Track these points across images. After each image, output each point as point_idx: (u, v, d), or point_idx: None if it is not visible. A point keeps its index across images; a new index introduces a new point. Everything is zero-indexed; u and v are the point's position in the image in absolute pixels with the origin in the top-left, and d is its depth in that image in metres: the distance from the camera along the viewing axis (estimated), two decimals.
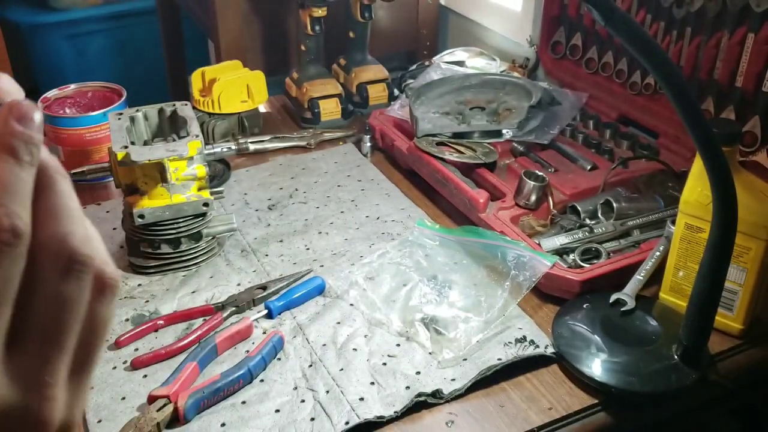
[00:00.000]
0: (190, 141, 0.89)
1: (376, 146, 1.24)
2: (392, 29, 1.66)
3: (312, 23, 1.28)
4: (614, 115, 1.22)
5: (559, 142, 1.14)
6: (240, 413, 0.71)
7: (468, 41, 1.66)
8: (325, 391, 0.73)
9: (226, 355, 0.79)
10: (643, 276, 0.85)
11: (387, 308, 0.84)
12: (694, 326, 0.73)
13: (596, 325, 0.80)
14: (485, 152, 1.07)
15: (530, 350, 0.78)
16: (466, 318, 0.81)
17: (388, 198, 1.09)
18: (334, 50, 1.43)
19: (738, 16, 1.01)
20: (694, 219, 0.78)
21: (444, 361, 0.77)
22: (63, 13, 2.17)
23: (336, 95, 1.32)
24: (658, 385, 0.73)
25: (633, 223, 0.94)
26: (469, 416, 0.72)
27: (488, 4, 1.58)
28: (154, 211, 0.89)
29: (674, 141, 1.11)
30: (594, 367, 0.75)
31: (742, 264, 0.77)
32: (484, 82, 1.23)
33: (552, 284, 0.86)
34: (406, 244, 0.95)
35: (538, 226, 0.95)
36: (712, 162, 0.63)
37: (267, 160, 1.21)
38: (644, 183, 1.03)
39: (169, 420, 0.70)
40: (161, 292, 0.89)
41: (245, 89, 1.24)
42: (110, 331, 0.81)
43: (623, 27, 0.59)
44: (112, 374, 0.77)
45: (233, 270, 0.93)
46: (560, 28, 1.35)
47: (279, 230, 1.01)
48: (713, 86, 1.07)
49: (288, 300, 0.86)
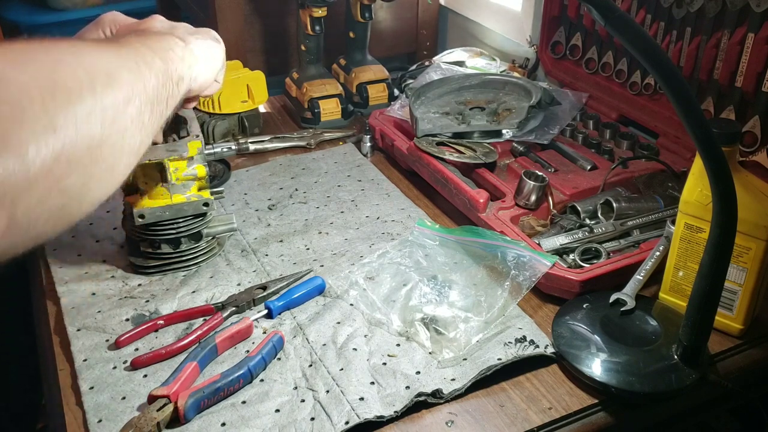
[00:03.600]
0: (191, 141, 0.89)
1: (376, 146, 1.24)
2: (392, 29, 1.66)
3: (312, 23, 1.28)
4: (614, 115, 1.22)
5: (559, 142, 1.14)
6: (240, 413, 0.72)
7: (468, 41, 1.66)
8: (325, 391, 0.73)
9: (226, 355, 0.79)
10: (643, 276, 0.85)
11: (387, 308, 0.84)
12: (694, 326, 0.73)
13: (596, 325, 0.80)
14: (485, 152, 1.07)
15: (530, 350, 0.78)
16: (466, 318, 0.81)
17: (388, 198, 1.09)
18: (334, 50, 1.43)
19: (738, 16, 1.01)
20: (693, 219, 0.78)
21: (444, 360, 0.77)
22: (63, 14, 2.17)
23: (336, 95, 1.33)
24: (658, 385, 0.73)
25: (633, 223, 0.94)
26: (469, 416, 0.72)
27: (488, 4, 1.58)
28: (154, 211, 0.89)
29: (674, 141, 1.11)
30: (594, 367, 0.75)
31: (742, 264, 0.77)
32: (484, 82, 1.23)
33: (552, 284, 0.86)
34: (406, 244, 0.95)
35: (538, 226, 0.95)
36: (712, 162, 0.63)
37: (267, 160, 1.21)
38: (644, 183, 1.03)
39: (169, 420, 0.70)
40: (161, 292, 0.89)
41: (245, 89, 1.24)
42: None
43: (623, 27, 0.59)
44: (112, 374, 0.77)
45: (233, 270, 0.93)
46: (560, 28, 1.35)
47: (279, 230, 1.01)
48: (713, 86, 1.07)
49: (288, 300, 0.86)
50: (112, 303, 0.87)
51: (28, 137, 0.43)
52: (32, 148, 0.44)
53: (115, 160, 0.54)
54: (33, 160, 0.44)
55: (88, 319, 0.84)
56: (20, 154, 0.43)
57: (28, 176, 0.43)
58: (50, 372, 0.81)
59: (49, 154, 0.45)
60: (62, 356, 0.81)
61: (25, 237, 0.46)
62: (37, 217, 0.46)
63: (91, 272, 0.93)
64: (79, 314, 0.85)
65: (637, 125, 1.19)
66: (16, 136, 0.43)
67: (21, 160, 0.43)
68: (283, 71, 1.50)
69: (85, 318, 0.85)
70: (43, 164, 0.44)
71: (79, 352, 0.80)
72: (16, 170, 0.43)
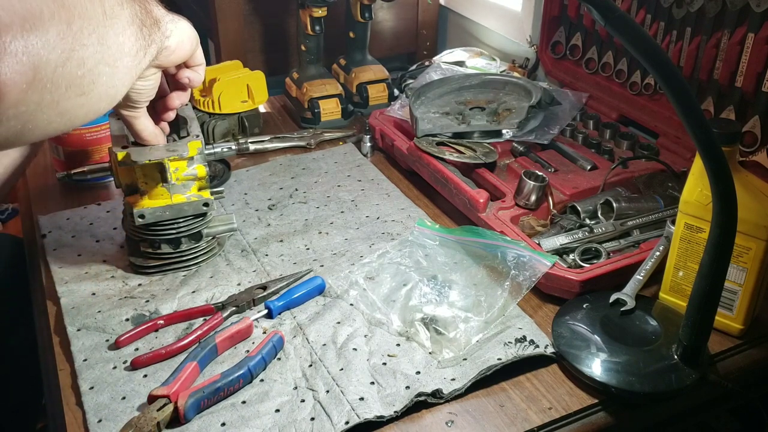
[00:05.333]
0: (191, 141, 0.89)
1: (376, 146, 1.24)
2: (392, 29, 1.66)
3: (312, 23, 1.28)
4: (614, 115, 1.22)
5: (559, 142, 1.14)
6: (240, 413, 0.72)
7: (468, 41, 1.67)
8: (325, 391, 0.73)
9: (226, 355, 0.79)
10: (642, 276, 0.85)
11: (387, 308, 0.84)
12: (694, 326, 0.73)
13: (596, 325, 0.80)
14: (485, 152, 1.07)
15: (530, 350, 0.78)
16: (466, 318, 0.81)
17: (388, 198, 1.09)
18: (334, 50, 1.43)
19: (738, 16, 1.01)
20: (694, 219, 0.78)
21: (444, 360, 0.77)
22: None
23: (336, 95, 1.33)
24: (658, 385, 0.73)
25: (633, 223, 0.94)
26: (469, 416, 0.72)
27: (488, 4, 1.58)
28: (154, 211, 0.89)
29: (674, 141, 1.11)
30: (594, 366, 0.75)
31: (742, 264, 0.77)
32: (484, 82, 1.23)
33: (552, 284, 0.86)
34: (406, 244, 0.95)
35: (538, 226, 0.95)
36: (712, 162, 0.63)
37: (267, 160, 1.21)
38: (644, 183, 1.03)
39: (169, 420, 0.70)
40: (161, 292, 0.89)
41: (245, 89, 1.24)
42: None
43: (623, 27, 0.59)
44: (112, 374, 0.77)
45: (233, 270, 0.93)
46: (560, 28, 1.35)
47: (279, 230, 1.02)
48: (713, 86, 1.07)
49: (288, 300, 0.86)
50: (112, 303, 0.87)
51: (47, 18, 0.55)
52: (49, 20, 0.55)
53: (119, 49, 0.64)
54: (49, 29, 0.54)
55: (88, 319, 0.84)
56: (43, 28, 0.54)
57: (48, 38, 0.54)
58: (50, 372, 0.81)
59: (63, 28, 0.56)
60: (62, 356, 0.81)
61: (49, 99, 0.56)
62: (59, 79, 0.56)
63: (91, 272, 0.93)
64: (79, 314, 0.85)
65: (637, 125, 1.19)
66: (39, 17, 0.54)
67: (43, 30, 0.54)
68: (283, 71, 1.51)
69: (85, 318, 0.85)
70: (58, 32, 0.55)
71: (79, 352, 0.80)
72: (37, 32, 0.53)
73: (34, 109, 0.55)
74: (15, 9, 0.52)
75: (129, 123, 0.83)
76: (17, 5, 0.52)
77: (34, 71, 0.53)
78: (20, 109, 0.54)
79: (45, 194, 1.13)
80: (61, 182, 1.14)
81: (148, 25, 0.70)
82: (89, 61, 0.59)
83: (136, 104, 0.81)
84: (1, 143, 0.57)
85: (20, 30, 0.52)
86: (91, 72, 0.60)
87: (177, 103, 0.87)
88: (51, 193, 1.14)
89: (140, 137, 0.85)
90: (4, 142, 0.57)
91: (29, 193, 1.14)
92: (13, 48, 0.51)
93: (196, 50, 0.83)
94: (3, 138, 0.56)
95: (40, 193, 1.14)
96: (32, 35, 0.53)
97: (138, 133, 0.85)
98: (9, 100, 0.52)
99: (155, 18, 0.72)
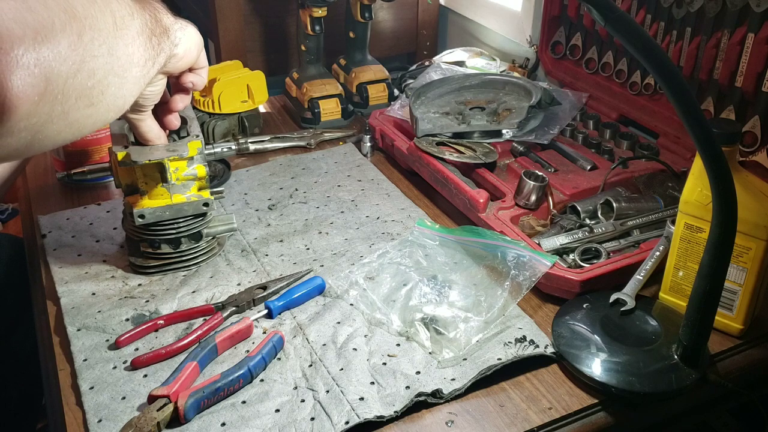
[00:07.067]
0: (191, 141, 0.89)
1: (376, 146, 1.24)
2: (392, 29, 1.66)
3: (312, 23, 1.28)
4: (614, 115, 1.22)
5: (559, 142, 1.14)
6: (240, 413, 0.72)
7: (468, 41, 1.67)
8: (325, 391, 0.73)
9: (226, 355, 0.79)
10: (642, 276, 0.85)
11: (387, 308, 0.84)
12: (694, 326, 0.73)
13: (596, 325, 0.80)
14: (485, 152, 1.07)
15: (530, 350, 0.78)
16: (466, 318, 0.81)
17: (388, 198, 1.09)
18: (334, 50, 1.43)
19: (738, 16, 1.01)
20: (693, 219, 0.78)
21: (444, 360, 0.77)
22: None
23: (336, 95, 1.33)
24: (658, 385, 0.73)
25: (633, 223, 0.94)
26: (469, 416, 0.72)
27: (488, 4, 1.58)
28: (154, 211, 0.89)
29: (674, 141, 1.11)
30: (594, 366, 0.75)
31: (742, 264, 0.77)
32: (484, 82, 1.23)
33: (552, 284, 0.86)
34: (406, 244, 0.95)
35: (538, 226, 0.95)
36: (712, 162, 0.63)
37: (267, 160, 1.21)
38: (644, 183, 1.03)
39: (169, 420, 0.70)
40: (161, 292, 0.89)
41: (245, 89, 1.24)
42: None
43: (623, 27, 0.59)
44: (112, 374, 0.77)
45: (233, 270, 0.93)
46: (560, 28, 1.35)
47: (279, 230, 1.02)
48: (713, 86, 1.07)
49: (288, 300, 0.86)
50: (112, 303, 0.87)
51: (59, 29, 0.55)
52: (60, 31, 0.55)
53: (128, 60, 0.65)
54: (61, 40, 0.54)
55: (88, 319, 0.84)
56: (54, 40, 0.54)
57: (59, 50, 0.54)
58: (50, 372, 0.81)
59: (75, 38, 0.56)
60: (62, 356, 0.81)
61: (59, 110, 0.56)
62: (69, 90, 0.56)
63: (91, 272, 0.93)
64: (79, 314, 0.85)
65: (637, 125, 1.19)
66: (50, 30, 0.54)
67: (55, 41, 0.54)
68: (283, 71, 1.51)
69: (85, 318, 0.85)
70: (70, 44, 0.55)
71: (79, 352, 0.80)
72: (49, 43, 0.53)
73: (45, 120, 0.55)
74: (27, 21, 0.51)
75: (135, 125, 0.84)
76: (29, 17, 0.51)
77: (46, 83, 0.53)
78: (31, 120, 0.53)
79: (45, 194, 1.13)
80: (61, 182, 1.14)
81: (157, 35, 0.70)
82: (99, 72, 0.59)
83: (143, 108, 0.81)
84: (11, 154, 0.57)
85: (32, 42, 0.51)
86: (100, 83, 0.60)
87: (180, 106, 0.87)
88: (51, 193, 1.14)
89: (145, 138, 0.86)
90: (14, 153, 0.56)
91: (29, 193, 1.14)
92: (25, 61, 0.51)
93: (200, 54, 0.83)
94: (13, 149, 0.55)
95: (40, 193, 1.14)
96: (44, 47, 0.52)
97: (143, 135, 0.85)
98: (21, 112, 0.52)
99: (164, 27, 0.72)
